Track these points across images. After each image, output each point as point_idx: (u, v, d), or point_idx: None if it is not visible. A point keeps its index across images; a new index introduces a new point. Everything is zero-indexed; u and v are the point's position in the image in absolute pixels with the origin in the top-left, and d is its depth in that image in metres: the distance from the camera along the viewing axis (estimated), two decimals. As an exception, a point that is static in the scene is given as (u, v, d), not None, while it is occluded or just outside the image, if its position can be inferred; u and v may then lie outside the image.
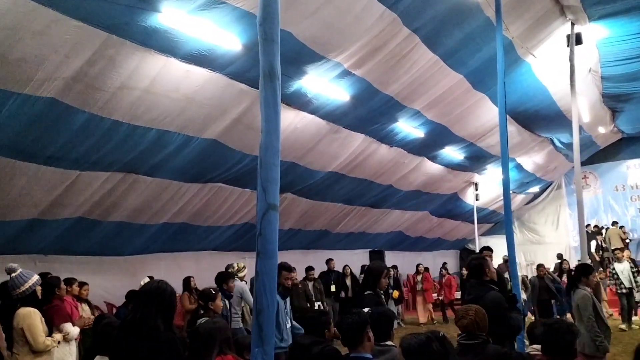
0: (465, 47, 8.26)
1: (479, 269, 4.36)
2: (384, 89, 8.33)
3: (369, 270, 4.80)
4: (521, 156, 14.64)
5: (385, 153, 10.62)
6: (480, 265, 4.38)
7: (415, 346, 2.24)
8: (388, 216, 13.97)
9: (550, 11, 8.64)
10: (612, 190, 19.07)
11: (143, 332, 2.69)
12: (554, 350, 2.62)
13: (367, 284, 4.47)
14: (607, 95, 13.19)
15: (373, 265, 5.07)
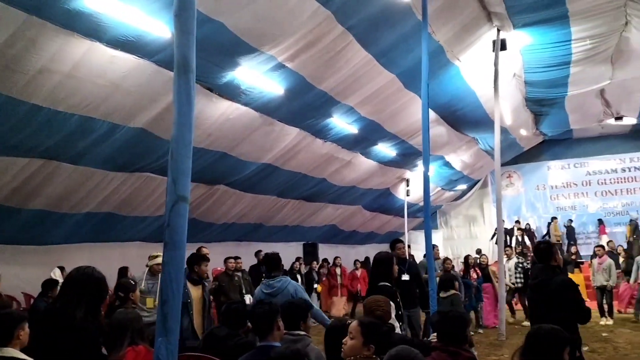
0: (398, 48, 8.50)
1: (547, 253, 4.26)
2: (318, 84, 8.43)
3: (380, 260, 4.77)
4: (450, 154, 15.23)
5: (319, 147, 10.75)
6: (548, 250, 4.30)
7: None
8: (322, 210, 14.16)
9: (477, 17, 9.01)
10: (533, 189, 20.21)
11: (59, 322, 2.59)
12: (447, 337, 2.82)
13: (379, 274, 4.48)
14: (530, 100, 13.90)
15: (381, 255, 5.01)
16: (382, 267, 4.49)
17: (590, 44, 10.22)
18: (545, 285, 4.03)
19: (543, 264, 4.25)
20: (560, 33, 9.79)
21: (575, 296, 3.98)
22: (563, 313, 3.77)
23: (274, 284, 4.69)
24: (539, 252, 4.34)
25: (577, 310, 3.93)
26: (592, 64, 11.28)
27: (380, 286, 4.28)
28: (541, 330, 2.59)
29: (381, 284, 4.30)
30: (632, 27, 9.69)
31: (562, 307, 3.86)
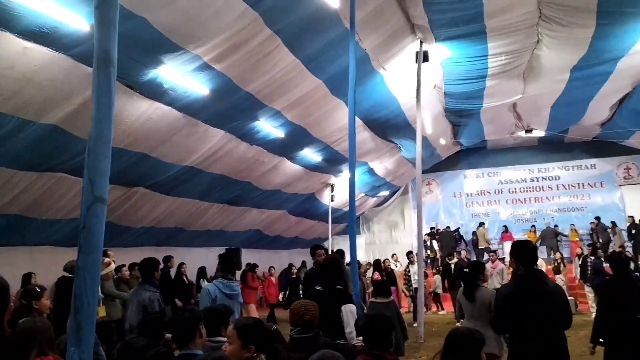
0: (325, 54, 8.58)
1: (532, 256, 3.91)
2: (245, 86, 8.34)
3: (331, 265, 4.58)
4: (373, 161, 15.56)
5: (245, 151, 10.62)
6: (534, 252, 3.97)
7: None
8: (246, 214, 13.98)
9: (402, 28, 9.29)
10: (450, 197, 21.10)
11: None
12: (373, 341, 2.85)
13: (334, 279, 4.33)
14: (449, 110, 14.52)
15: (334, 259, 4.86)
16: (336, 272, 4.38)
17: (505, 59, 10.82)
18: (535, 295, 3.66)
19: (528, 269, 3.82)
20: (478, 48, 10.28)
21: (566, 304, 3.77)
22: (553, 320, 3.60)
23: (235, 286, 4.51)
24: (521, 255, 3.89)
25: (566, 316, 3.73)
26: (506, 78, 11.97)
27: (335, 289, 4.21)
28: (459, 331, 2.70)
29: (337, 287, 4.23)
30: (543, 45, 10.37)
31: (553, 314, 3.63)
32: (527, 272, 3.76)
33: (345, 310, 3.97)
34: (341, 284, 4.23)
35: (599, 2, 8.48)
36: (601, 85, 12.69)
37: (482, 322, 4.60)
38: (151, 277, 4.96)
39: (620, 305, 4.32)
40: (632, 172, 19.11)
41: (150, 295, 4.86)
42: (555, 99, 13.81)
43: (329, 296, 4.09)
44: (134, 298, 4.95)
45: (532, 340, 3.57)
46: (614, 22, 9.20)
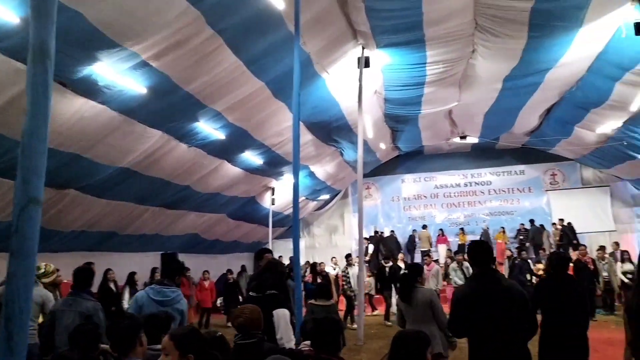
0: (268, 56, 8.52)
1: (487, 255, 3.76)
2: (185, 85, 8.13)
3: (269, 268, 4.42)
4: (314, 164, 15.61)
5: (184, 152, 10.35)
6: (488, 251, 3.80)
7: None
8: (184, 218, 13.62)
9: (345, 33, 9.38)
10: (389, 201, 21.51)
11: None
12: (321, 345, 2.82)
13: (267, 282, 4.13)
14: (388, 116, 14.80)
15: (274, 262, 4.69)
16: (274, 275, 4.26)
17: (443, 67, 11.15)
18: (490, 294, 3.54)
19: (483, 269, 3.71)
20: (417, 56, 10.53)
21: (527, 306, 3.61)
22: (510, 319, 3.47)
23: (168, 292, 4.18)
24: (473, 256, 3.80)
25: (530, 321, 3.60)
26: (443, 86, 12.34)
27: (268, 295, 4.07)
28: (405, 333, 2.73)
29: (268, 292, 4.09)
30: (478, 55, 10.78)
31: (510, 312, 3.49)
32: (480, 272, 3.70)
33: (277, 315, 3.86)
34: (277, 288, 4.09)
35: (531, 15, 8.90)
36: (531, 95, 13.34)
37: (426, 323, 4.59)
38: (88, 286, 4.66)
39: (559, 304, 4.40)
40: (558, 178, 20.20)
41: (94, 304, 4.57)
42: (489, 107, 14.40)
43: (262, 301, 3.95)
44: (73, 309, 4.59)
45: (490, 340, 3.51)
46: (544, 35, 9.69)
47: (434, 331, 4.55)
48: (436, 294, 4.84)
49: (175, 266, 4.58)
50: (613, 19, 9.36)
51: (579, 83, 12.50)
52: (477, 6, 8.91)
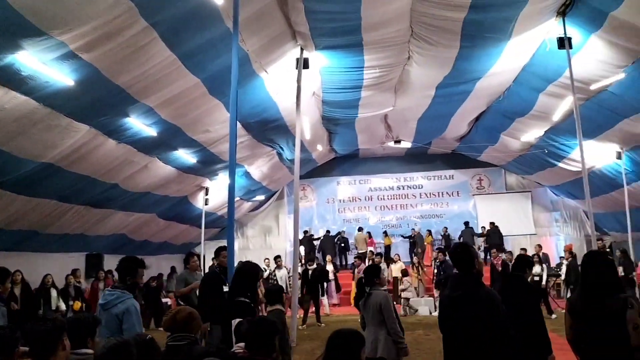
0: (205, 52, 8.33)
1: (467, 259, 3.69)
2: (115, 79, 7.78)
3: (242, 271, 4.17)
4: (250, 165, 15.44)
5: (112, 149, 9.90)
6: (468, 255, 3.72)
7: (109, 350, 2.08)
8: (111, 217, 13.06)
9: (284, 33, 9.32)
10: (324, 202, 21.65)
11: None
12: (256, 346, 2.75)
13: (237, 288, 3.92)
14: (325, 118, 14.89)
15: (247, 265, 4.45)
16: (245, 280, 4.08)
17: (379, 72, 11.34)
18: (470, 299, 3.51)
19: (462, 273, 3.69)
20: (355, 59, 10.66)
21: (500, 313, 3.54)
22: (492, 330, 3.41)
23: (107, 295, 3.97)
24: (457, 259, 3.76)
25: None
26: (379, 90, 12.56)
27: (236, 302, 3.90)
28: (340, 332, 2.71)
29: (238, 300, 3.93)
30: (414, 61, 11.05)
31: (492, 323, 3.44)
32: (460, 276, 3.69)
33: (233, 324, 3.70)
34: (245, 294, 3.90)
35: (463, 25, 9.23)
36: (461, 103, 13.87)
37: (377, 326, 4.58)
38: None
39: None
40: (484, 183, 21.11)
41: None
42: (422, 113, 14.82)
43: (229, 307, 3.88)
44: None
45: (463, 344, 3.50)
46: (475, 45, 10.08)
47: (380, 335, 4.52)
48: (388, 298, 4.71)
49: (123, 265, 4.28)
50: (538, 32, 9.91)
51: (506, 93, 13.12)
52: (414, 14, 9.13)
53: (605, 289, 3.08)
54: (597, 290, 3.11)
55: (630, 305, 2.95)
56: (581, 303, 3.19)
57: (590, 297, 3.14)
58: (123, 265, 4.26)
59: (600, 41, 9.32)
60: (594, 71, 10.19)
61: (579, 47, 9.66)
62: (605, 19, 8.59)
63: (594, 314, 3.07)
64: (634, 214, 14.84)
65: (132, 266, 4.25)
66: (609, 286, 3.10)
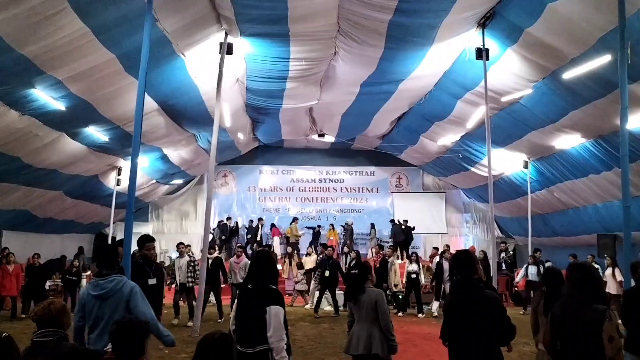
0: (120, 27, 7.91)
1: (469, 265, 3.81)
2: (20, 47, 7.25)
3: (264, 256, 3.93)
4: (168, 148, 14.96)
5: (14, 120, 9.23)
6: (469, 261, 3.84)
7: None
8: (13, 192, 12.21)
9: (207, 16, 9.03)
10: (245, 190, 21.44)
11: None
12: (122, 349, 2.62)
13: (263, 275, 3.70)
14: (249, 106, 14.68)
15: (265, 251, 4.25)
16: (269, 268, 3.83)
17: (305, 65, 11.30)
18: (474, 303, 3.62)
19: (464, 278, 3.78)
20: (281, 50, 10.53)
21: (504, 314, 3.66)
22: (490, 333, 3.56)
23: (105, 284, 3.67)
24: (459, 264, 3.83)
25: (506, 330, 3.63)
26: (305, 83, 12.53)
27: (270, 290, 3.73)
28: (209, 336, 2.62)
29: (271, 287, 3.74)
30: (339, 57, 11.10)
31: (490, 327, 3.56)
32: (462, 280, 3.76)
33: (269, 311, 3.53)
34: (271, 281, 3.72)
35: (389, 27, 9.38)
36: (384, 102, 14.14)
37: (370, 323, 4.61)
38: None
39: None
40: (403, 181, 21.73)
41: None
42: (346, 109, 14.97)
43: (257, 295, 3.67)
44: None
45: (465, 349, 3.62)
46: (400, 47, 10.27)
47: (375, 332, 4.54)
48: (382, 295, 4.73)
49: (109, 250, 4.02)
50: (460, 41, 10.25)
51: (427, 97, 13.53)
52: (341, 11, 9.15)
53: (587, 300, 3.19)
54: (578, 300, 3.23)
55: (609, 317, 3.06)
56: (562, 311, 3.30)
57: (571, 307, 3.27)
58: (108, 250, 4.07)
59: (515, 55, 9.80)
60: (507, 83, 10.72)
61: (495, 58, 10.10)
62: (521, 34, 9.04)
63: (573, 323, 3.18)
64: (536, 220, 15.85)
65: (115, 250, 4.14)
66: (590, 297, 3.20)
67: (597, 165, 11.65)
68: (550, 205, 15.27)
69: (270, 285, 3.67)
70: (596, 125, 10.46)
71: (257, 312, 3.55)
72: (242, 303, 3.74)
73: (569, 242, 15.78)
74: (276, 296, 3.61)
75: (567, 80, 9.33)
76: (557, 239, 16.37)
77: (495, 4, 8.87)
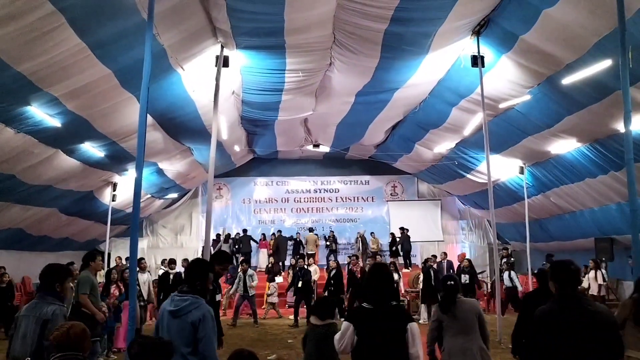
0: (118, 43, 7.86)
1: (575, 277, 3.41)
2: (16, 64, 7.17)
3: (381, 270, 3.69)
4: (163, 162, 14.87)
5: (10, 138, 9.11)
6: (576, 273, 3.44)
7: None
8: (6, 211, 12.04)
9: (204, 29, 9.01)
10: (240, 202, 21.35)
11: None
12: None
13: (384, 292, 3.51)
14: (245, 119, 14.64)
15: (381, 265, 4.03)
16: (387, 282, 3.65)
17: (301, 76, 11.30)
18: (580, 318, 3.20)
19: (565, 291, 3.35)
20: (277, 62, 10.53)
21: (616, 329, 3.29)
22: (600, 352, 3.12)
23: (179, 301, 3.52)
24: (562, 273, 3.40)
25: (615, 346, 3.21)
26: (300, 94, 12.53)
27: (391, 306, 3.59)
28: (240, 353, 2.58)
29: (393, 303, 3.60)
30: (335, 67, 11.12)
31: (600, 344, 3.14)
32: (564, 294, 3.32)
33: (411, 328, 3.38)
34: (394, 297, 3.56)
35: (384, 36, 9.41)
36: (379, 111, 14.17)
37: (470, 335, 4.50)
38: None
39: None
40: (398, 190, 21.75)
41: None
42: (341, 119, 14.98)
43: (384, 314, 3.45)
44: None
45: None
46: (395, 56, 10.31)
47: (471, 345, 4.43)
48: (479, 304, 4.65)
49: (194, 268, 3.82)
50: (454, 49, 10.31)
51: (422, 105, 13.57)
52: (337, 21, 9.17)
53: None
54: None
55: None
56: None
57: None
58: (193, 268, 3.85)
59: (510, 62, 9.86)
60: (503, 90, 10.77)
61: (490, 66, 10.15)
62: (516, 41, 9.10)
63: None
64: (533, 226, 15.88)
65: (204, 269, 3.83)
66: None
67: (593, 169, 11.72)
68: (546, 210, 15.33)
69: (392, 302, 3.51)
70: (592, 129, 10.53)
71: (392, 333, 3.38)
72: (369, 326, 3.44)
73: (566, 246, 15.83)
74: (407, 312, 3.51)
75: (562, 85, 9.39)
76: (553, 244, 16.42)
77: (490, 12, 8.93)
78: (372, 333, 3.36)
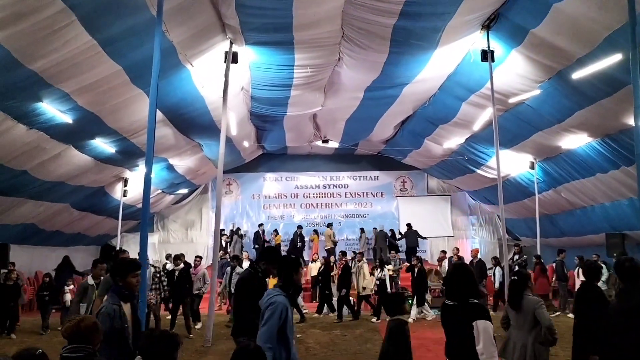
0: (127, 39, 7.93)
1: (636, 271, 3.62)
2: (28, 62, 7.26)
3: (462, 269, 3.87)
4: (174, 158, 14.97)
5: (22, 134, 9.24)
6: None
7: None
8: (19, 206, 12.20)
9: (213, 25, 9.06)
10: (249, 198, 21.42)
11: None
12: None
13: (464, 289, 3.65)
14: (254, 114, 14.69)
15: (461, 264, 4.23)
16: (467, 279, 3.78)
17: (310, 72, 11.32)
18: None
19: (631, 284, 3.56)
20: (285, 57, 10.55)
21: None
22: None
23: (264, 299, 3.85)
24: (625, 271, 3.64)
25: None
26: (309, 90, 12.55)
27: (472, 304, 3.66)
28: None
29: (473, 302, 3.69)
30: (344, 63, 11.12)
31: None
32: (628, 288, 3.53)
33: (477, 326, 3.47)
34: (474, 295, 3.67)
35: (393, 31, 9.39)
36: (389, 107, 14.14)
37: (527, 331, 4.59)
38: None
39: None
40: (407, 185, 21.70)
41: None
42: (350, 114, 14.97)
43: (459, 310, 3.60)
44: None
45: None
46: (404, 51, 10.28)
47: (529, 343, 4.53)
48: (541, 303, 4.65)
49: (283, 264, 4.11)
50: (464, 44, 10.26)
51: (431, 100, 13.52)
52: (345, 17, 9.17)
53: None
54: None
55: None
56: None
57: None
58: (283, 264, 4.13)
59: (520, 56, 9.79)
60: (513, 84, 10.70)
61: (500, 60, 10.10)
62: (526, 35, 9.03)
63: None
64: (543, 221, 15.79)
65: (289, 264, 4.09)
66: None
67: (604, 164, 11.62)
68: (557, 206, 15.22)
69: (471, 300, 3.61)
70: (603, 124, 10.44)
71: (462, 328, 3.50)
72: (447, 321, 3.75)
73: (577, 242, 15.72)
74: (481, 310, 3.55)
75: (573, 79, 9.32)
76: (564, 240, 16.31)
77: (499, 6, 8.88)
78: (452, 328, 3.63)
